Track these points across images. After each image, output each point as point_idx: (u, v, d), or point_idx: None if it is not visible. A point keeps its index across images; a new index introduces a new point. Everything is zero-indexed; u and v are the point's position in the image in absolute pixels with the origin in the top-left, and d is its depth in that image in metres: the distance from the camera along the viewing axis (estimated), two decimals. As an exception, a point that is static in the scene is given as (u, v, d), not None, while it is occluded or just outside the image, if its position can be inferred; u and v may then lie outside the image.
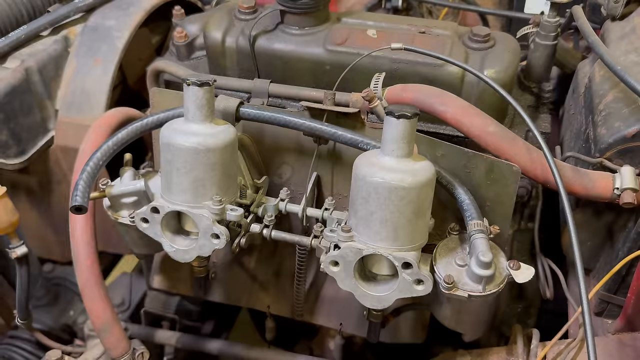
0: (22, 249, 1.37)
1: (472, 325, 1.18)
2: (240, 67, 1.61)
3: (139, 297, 2.07)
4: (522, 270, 1.10)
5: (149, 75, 1.61)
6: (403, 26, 1.54)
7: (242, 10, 1.61)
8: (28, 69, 1.52)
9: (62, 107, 1.61)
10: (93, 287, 1.23)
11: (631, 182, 1.14)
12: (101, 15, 1.68)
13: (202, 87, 1.11)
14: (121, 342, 1.27)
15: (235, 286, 1.66)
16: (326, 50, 1.50)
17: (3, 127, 1.47)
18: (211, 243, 1.18)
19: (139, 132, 1.24)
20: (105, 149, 1.19)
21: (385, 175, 1.04)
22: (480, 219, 1.14)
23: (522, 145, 1.20)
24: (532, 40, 1.60)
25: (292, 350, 1.85)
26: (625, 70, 1.13)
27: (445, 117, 1.23)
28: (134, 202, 1.21)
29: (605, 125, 1.21)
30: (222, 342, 1.72)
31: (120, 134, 1.22)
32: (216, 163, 1.14)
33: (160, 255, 1.73)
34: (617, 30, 1.42)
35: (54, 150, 1.62)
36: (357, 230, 1.11)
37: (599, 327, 1.29)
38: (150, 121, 1.25)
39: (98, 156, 1.17)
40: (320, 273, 1.22)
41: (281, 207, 1.32)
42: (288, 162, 1.42)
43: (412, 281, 1.10)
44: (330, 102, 1.29)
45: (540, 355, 1.16)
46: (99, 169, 1.16)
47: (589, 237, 1.31)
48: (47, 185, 1.69)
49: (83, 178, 1.12)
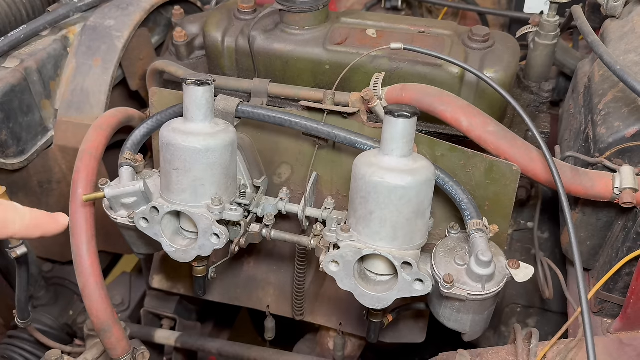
0: (21, 248, 1.36)
1: (472, 325, 1.18)
2: (239, 67, 1.61)
3: (139, 297, 2.07)
4: (522, 269, 1.10)
5: (149, 75, 1.61)
6: (403, 26, 1.54)
7: (241, 10, 1.61)
8: (27, 69, 1.52)
9: (62, 107, 1.61)
10: (93, 287, 1.23)
11: (631, 182, 1.14)
12: (101, 15, 1.68)
13: (201, 86, 1.11)
14: (121, 342, 1.26)
15: (235, 286, 1.66)
16: (326, 50, 1.50)
17: (2, 126, 1.47)
18: (211, 243, 1.18)
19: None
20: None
21: (385, 174, 1.04)
22: (479, 218, 1.14)
23: (521, 145, 1.20)
24: (532, 40, 1.60)
25: (292, 350, 1.85)
26: (624, 70, 1.12)
27: (444, 116, 1.23)
28: (133, 203, 1.21)
29: (604, 125, 1.21)
30: (222, 342, 1.72)
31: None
32: (216, 163, 1.14)
33: (160, 255, 1.73)
34: (616, 29, 1.42)
35: (53, 150, 1.62)
36: (357, 230, 1.11)
37: (599, 326, 1.29)
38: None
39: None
40: (320, 273, 1.22)
41: (281, 207, 1.32)
42: (288, 162, 1.42)
43: (411, 281, 1.10)
44: (330, 101, 1.29)
45: (540, 355, 1.16)
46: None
47: (589, 237, 1.31)
48: (47, 185, 1.69)
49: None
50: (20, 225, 0.93)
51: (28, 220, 0.95)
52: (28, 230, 0.95)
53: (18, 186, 1.66)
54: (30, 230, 0.95)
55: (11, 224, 0.92)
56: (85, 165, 1.26)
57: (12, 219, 0.92)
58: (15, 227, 0.93)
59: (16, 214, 0.93)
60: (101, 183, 1.22)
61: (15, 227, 0.93)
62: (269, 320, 1.70)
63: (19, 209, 0.95)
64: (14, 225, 0.93)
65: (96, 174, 1.27)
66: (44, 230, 0.98)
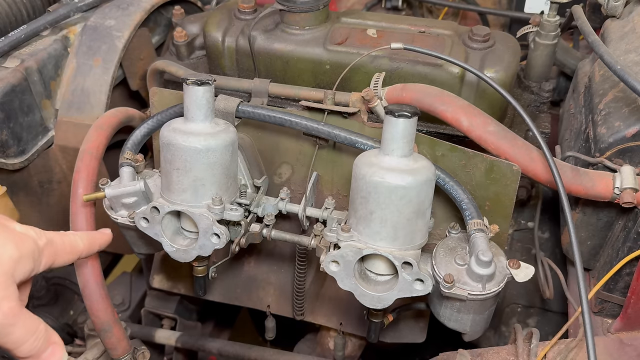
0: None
1: (472, 325, 1.18)
2: (240, 67, 1.61)
3: (139, 296, 2.08)
4: (522, 269, 1.10)
5: (149, 75, 1.61)
6: (403, 26, 1.54)
7: (241, 10, 1.61)
8: (28, 69, 1.52)
9: (62, 107, 1.61)
10: (93, 287, 1.23)
11: (631, 182, 1.14)
12: (101, 15, 1.68)
13: (201, 86, 1.11)
14: (122, 342, 1.27)
15: (236, 286, 1.66)
16: (326, 50, 1.50)
17: (3, 126, 1.47)
18: (211, 243, 1.18)
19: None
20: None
21: (385, 174, 1.04)
22: (479, 218, 1.14)
23: (522, 145, 1.20)
24: (532, 40, 1.60)
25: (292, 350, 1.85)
26: (625, 70, 1.12)
27: (445, 116, 1.23)
28: (133, 202, 1.21)
29: (605, 125, 1.21)
30: (223, 342, 1.72)
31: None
32: (216, 163, 1.14)
33: (160, 255, 1.73)
34: (617, 29, 1.42)
35: (54, 150, 1.62)
36: (357, 230, 1.11)
37: (599, 326, 1.29)
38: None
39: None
40: (320, 273, 1.22)
41: (281, 207, 1.32)
42: (288, 162, 1.42)
43: (412, 281, 1.10)
44: (330, 101, 1.29)
45: (541, 355, 1.16)
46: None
47: (589, 237, 1.31)
48: (48, 185, 1.69)
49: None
50: (83, 245, 0.99)
51: (86, 239, 1.01)
52: (90, 248, 1.02)
53: (18, 186, 1.66)
54: (91, 247, 1.03)
55: (77, 246, 0.98)
56: (86, 165, 1.27)
57: (76, 242, 0.98)
58: (81, 247, 0.98)
59: (76, 237, 0.99)
60: (101, 183, 1.22)
61: (81, 247, 0.98)
62: (270, 320, 1.70)
63: (72, 232, 1.02)
64: (80, 247, 0.98)
65: (97, 174, 1.27)
66: (100, 244, 1.06)
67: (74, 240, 0.97)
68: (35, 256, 0.86)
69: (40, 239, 0.88)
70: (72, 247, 0.96)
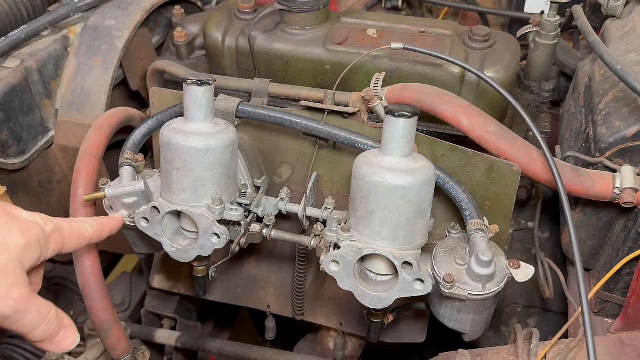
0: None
1: (472, 325, 1.18)
2: (240, 67, 1.61)
3: (139, 296, 2.08)
4: (522, 269, 1.10)
5: (149, 75, 1.61)
6: (403, 26, 1.54)
7: (242, 10, 1.61)
8: (28, 69, 1.52)
9: (62, 107, 1.61)
10: (93, 287, 1.23)
11: (631, 182, 1.14)
12: (101, 15, 1.68)
13: (202, 86, 1.11)
14: (122, 342, 1.27)
15: (236, 286, 1.66)
16: (326, 50, 1.50)
17: (3, 126, 1.47)
18: (211, 243, 1.18)
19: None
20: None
21: (385, 174, 1.04)
22: (480, 218, 1.14)
23: (522, 145, 1.20)
24: (532, 40, 1.60)
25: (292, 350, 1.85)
26: (625, 70, 1.12)
27: (445, 116, 1.23)
28: (134, 202, 1.21)
29: (605, 125, 1.21)
30: (223, 342, 1.72)
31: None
32: (216, 163, 1.14)
33: (160, 255, 1.73)
34: (617, 29, 1.42)
35: (54, 150, 1.62)
36: (357, 230, 1.11)
37: (599, 326, 1.29)
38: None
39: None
40: (320, 273, 1.22)
41: (281, 207, 1.32)
42: (288, 162, 1.42)
43: (412, 281, 1.10)
44: (330, 101, 1.29)
45: (541, 355, 1.16)
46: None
47: (589, 237, 1.31)
48: (48, 185, 1.69)
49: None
50: (92, 230, 1.00)
51: (95, 225, 1.01)
52: (100, 233, 1.03)
53: (18, 186, 1.66)
54: (101, 232, 1.03)
55: (86, 231, 0.99)
56: (86, 165, 1.27)
57: (84, 228, 0.99)
58: (90, 233, 0.99)
59: (85, 223, 0.99)
60: (102, 183, 1.22)
61: (90, 233, 0.99)
62: (270, 320, 1.70)
63: (81, 218, 1.02)
64: (89, 232, 0.99)
65: (97, 174, 1.27)
66: (110, 229, 1.07)
67: (83, 226, 0.98)
68: (42, 243, 0.87)
69: (47, 225, 0.89)
70: (80, 233, 0.97)
